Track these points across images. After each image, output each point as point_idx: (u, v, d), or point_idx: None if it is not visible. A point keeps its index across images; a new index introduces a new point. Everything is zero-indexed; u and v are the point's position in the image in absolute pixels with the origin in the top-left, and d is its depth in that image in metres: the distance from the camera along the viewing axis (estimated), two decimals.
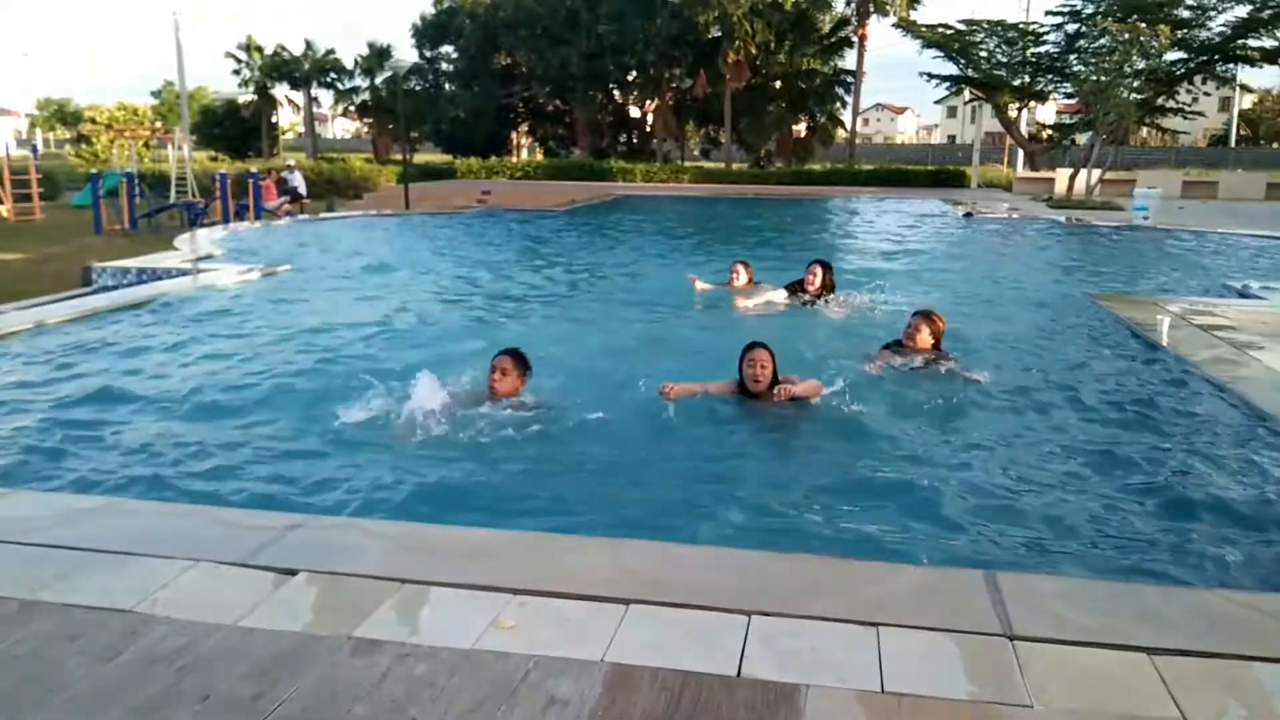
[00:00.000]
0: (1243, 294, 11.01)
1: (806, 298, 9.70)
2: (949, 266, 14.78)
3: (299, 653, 2.85)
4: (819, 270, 9.80)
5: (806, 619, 3.05)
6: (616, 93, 48.51)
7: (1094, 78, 28.98)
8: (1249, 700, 2.67)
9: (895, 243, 18.33)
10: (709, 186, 36.86)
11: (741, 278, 10.61)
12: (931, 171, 40.08)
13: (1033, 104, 40.03)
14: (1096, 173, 28.33)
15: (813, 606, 3.13)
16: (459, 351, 7.58)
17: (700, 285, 10.47)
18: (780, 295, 9.93)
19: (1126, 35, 27.31)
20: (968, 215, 23.41)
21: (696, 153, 53.94)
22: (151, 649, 2.86)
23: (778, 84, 44.47)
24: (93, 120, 44.71)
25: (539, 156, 51.24)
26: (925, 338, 7.07)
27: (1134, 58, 28.06)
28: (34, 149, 39.24)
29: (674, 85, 46.02)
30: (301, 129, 61.45)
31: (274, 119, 55.79)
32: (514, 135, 53.18)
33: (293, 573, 3.36)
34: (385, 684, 2.69)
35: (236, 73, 53.02)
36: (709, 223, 23.38)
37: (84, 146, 42.28)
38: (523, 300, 10.96)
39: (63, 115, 64.26)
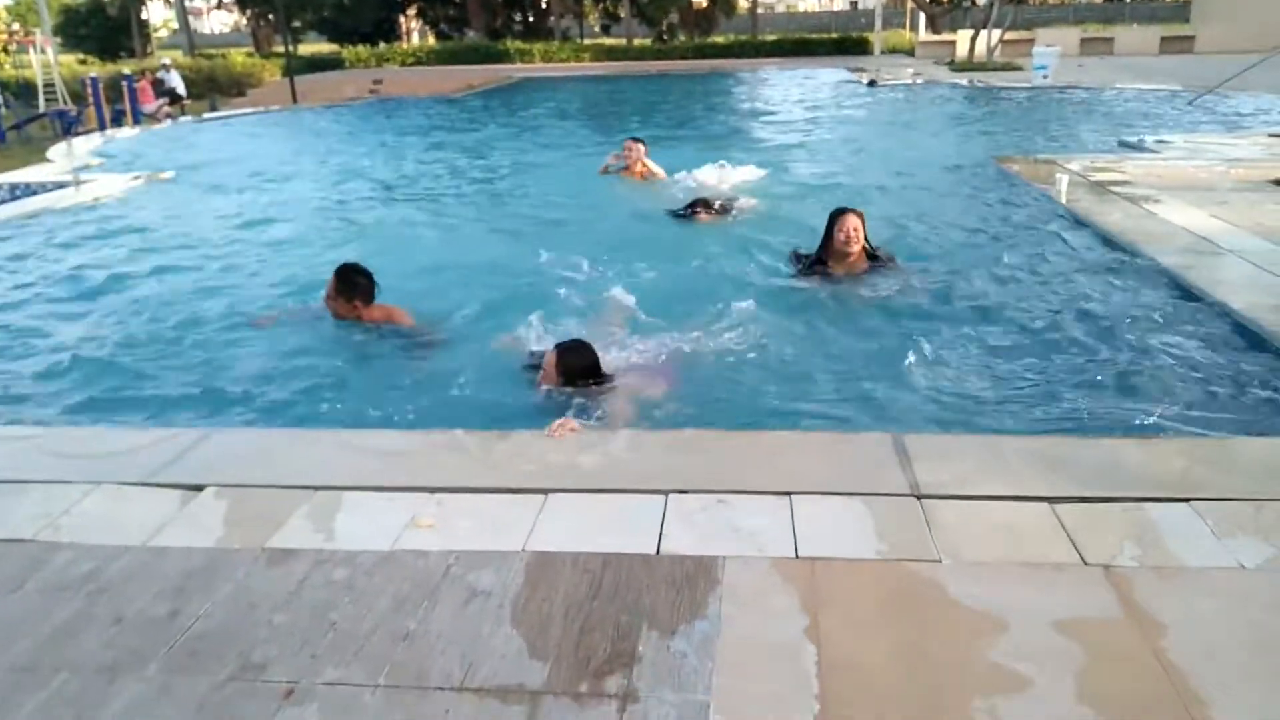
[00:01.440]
0: (1137, 148, 11.27)
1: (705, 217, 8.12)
2: (854, 137, 14.78)
3: (212, 567, 2.80)
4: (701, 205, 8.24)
5: (722, 493, 3.10)
6: None
7: None
8: (1142, 537, 2.82)
9: (800, 115, 18.21)
10: (611, 65, 35.94)
11: (641, 153, 10.07)
12: (835, 39, 39.67)
13: None
14: (996, 33, 28.39)
15: (727, 480, 3.18)
16: (353, 253, 7.36)
17: (606, 167, 10.26)
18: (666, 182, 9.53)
19: None
20: (872, 83, 23.33)
21: (596, 29, 52.37)
22: (58, 576, 2.78)
23: None
24: None
25: (431, 41, 49.13)
26: (857, 237, 6.09)
27: None
28: None
29: None
30: (175, 25, 57.65)
31: (144, 15, 52.16)
32: (403, 19, 50.75)
33: (199, 488, 3.28)
34: (304, 591, 2.67)
35: None
36: (612, 103, 22.88)
37: None
38: (415, 196, 10.60)
39: None
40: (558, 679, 2.27)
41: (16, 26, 40.54)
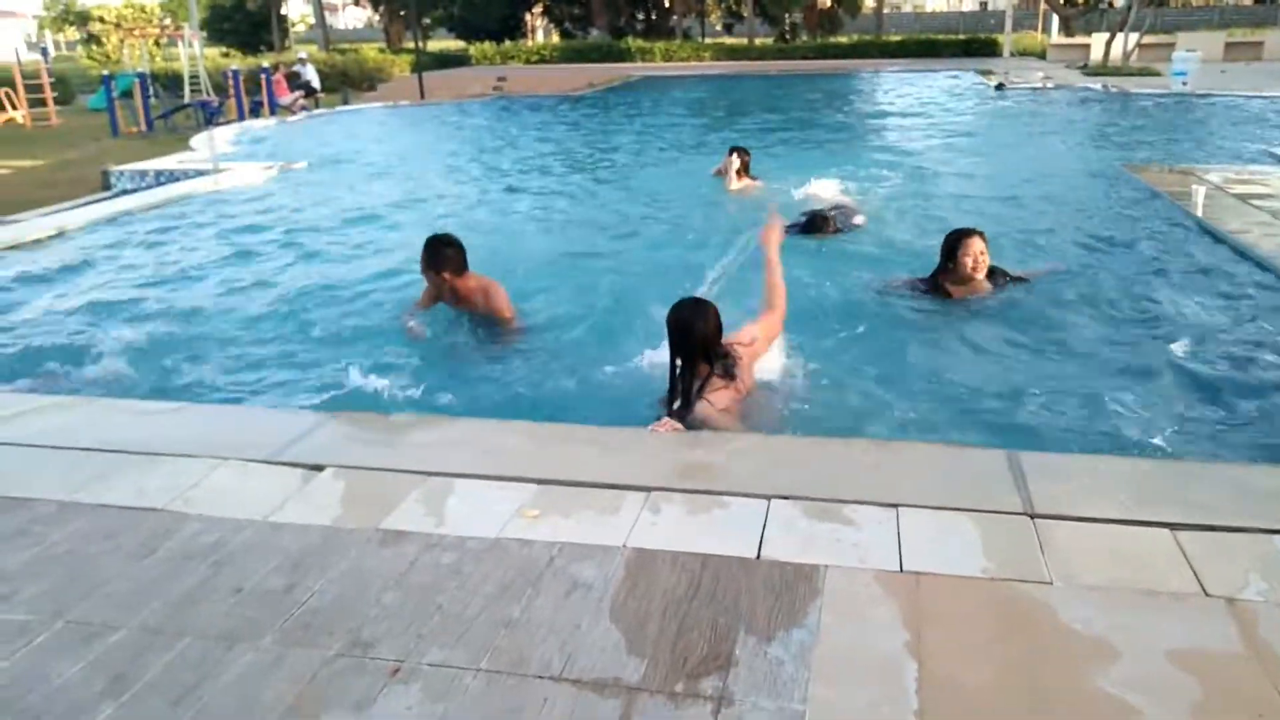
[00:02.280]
0: None
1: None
2: (982, 142, 14.40)
3: (328, 545, 2.92)
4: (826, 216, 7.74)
5: (827, 501, 3.07)
6: None
7: None
8: (1270, 570, 2.68)
9: (924, 118, 17.81)
10: (731, 64, 35.82)
11: (734, 166, 9.57)
12: (963, 41, 38.61)
13: None
14: (1134, 37, 27.18)
15: (832, 489, 3.15)
16: (475, 244, 7.55)
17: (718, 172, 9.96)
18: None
19: None
20: (1000, 86, 22.65)
21: (719, 28, 52.26)
22: (185, 546, 2.94)
23: None
24: (101, 20, 43.89)
25: (555, 39, 49.87)
26: (984, 261, 5.66)
27: None
28: (44, 52, 38.85)
29: None
30: (312, 20, 60.02)
31: (283, 11, 54.47)
32: (529, 17, 51.68)
33: (319, 468, 3.42)
34: (413, 572, 2.76)
35: None
36: (730, 103, 22.81)
37: (95, 48, 41.66)
38: (527, 192, 10.77)
39: (69, 15, 63.08)
40: (654, 676, 2.29)
41: (168, 21, 42.78)
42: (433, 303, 5.64)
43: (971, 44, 37.69)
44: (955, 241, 5.69)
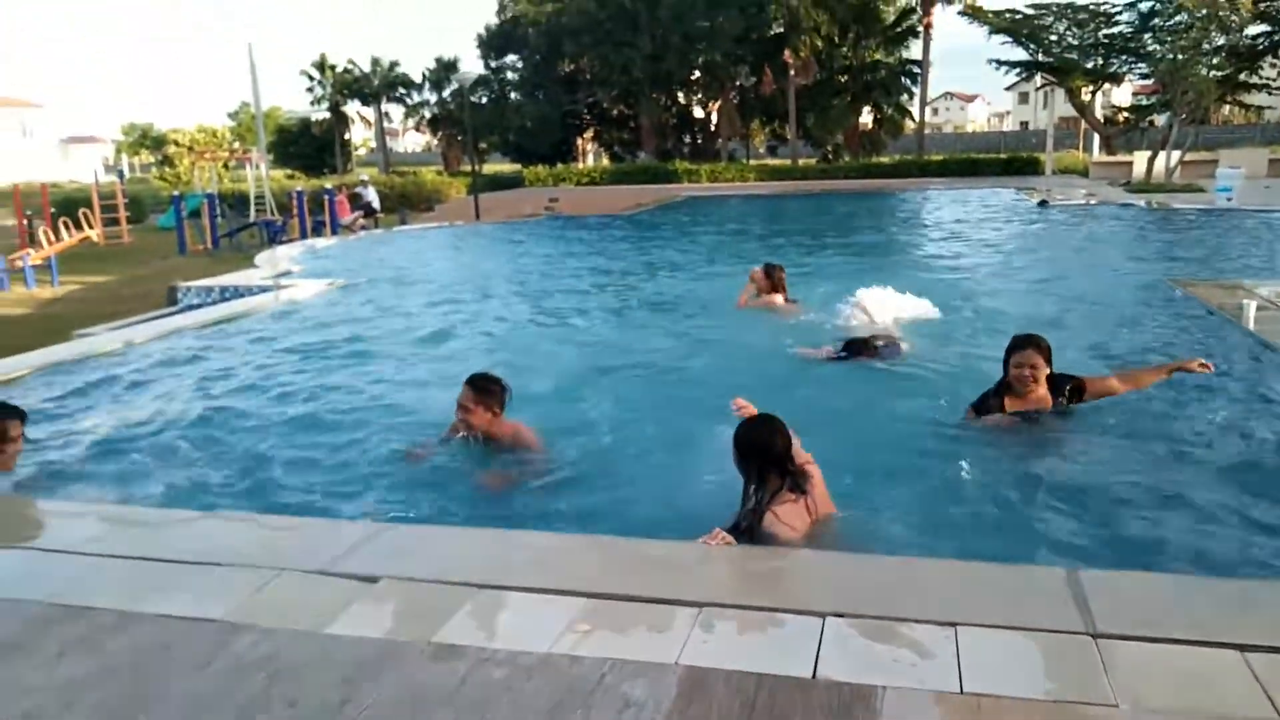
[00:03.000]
0: None
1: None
2: (1025, 259, 14.47)
3: (382, 658, 2.92)
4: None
5: (883, 619, 3.02)
6: (680, 94, 48.58)
7: (1170, 56, 28.01)
8: None
9: (966, 236, 17.98)
10: (775, 184, 36.63)
11: (752, 288, 9.36)
12: (1004, 159, 39.10)
13: (1107, 86, 39.07)
14: (1176, 154, 27.43)
15: (889, 607, 3.10)
16: (527, 361, 7.72)
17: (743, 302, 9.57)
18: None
19: (1204, 10, 26.30)
20: (1043, 203, 22.87)
21: (762, 150, 53.67)
22: (241, 657, 2.96)
23: (843, 77, 44.09)
24: (175, 143, 46.33)
25: (605, 162, 51.53)
26: (1042, 373, 5.48)
27: (1213, 33, 27.05)
28: (120, 174, 40.87)
29: (738, 84, 45.90)
30: (373, 144, 62.78)
31: (346, 135, 57.14)
32: (580, 141, 53.56)
33: (374, 579, 3.45)
34: (465, 688, 2.75)
35: (310, 90, 54.54)
36: (774, 221, 23.23)
37: (167, 169, 43.79)
38: (584, 311, 10.98)
39: (146, 140, 66.67)
40: None
41: (237, 144, 45.00)
42: (455, 435, 5.47)
43: (1013, 162, 38.10)
44: (1010, 349, 5.50)
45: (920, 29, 42.61)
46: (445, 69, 52.29)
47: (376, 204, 25.06)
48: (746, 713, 2.58)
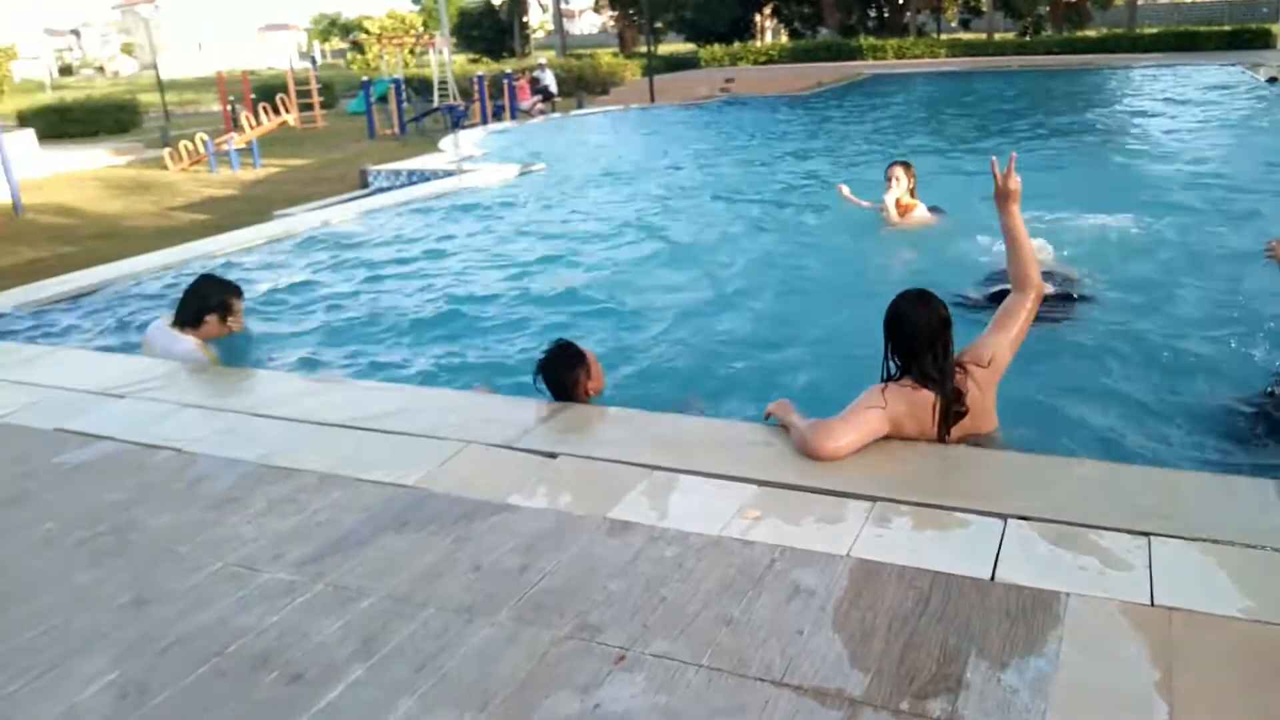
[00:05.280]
0: None
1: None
2: (1248, 147, 13.01)
3: (560, 530, 3.04)
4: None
5: (1070, 525, 2.89)
6: None
7: None
8: None
9: (1179, 123, 16.28)
10: (966, 60, 34.35)
11: (902, 184, 7.83)
12: (1228, 32, 35.03)
13: None
14: None
15: (1078, 512, 2.96)
16: (702, 247, 7.67)
17: (848, 196, 8.39)
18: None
19: None
20: (1272, 80, 20.48)
21: (954, 25, 50.27)
22: (430, 521, 3.15)
23: None
24: (365, 30, 47.66)
25: (784, 39, 49.58)
26: None
27: None
28: (313, 61, 42.60)
29: None
30: (551, 26, 62.69)
31: (525, 18, 57.18)
32: (758, 18, 51.66)
33: (553, 456, 3.57)
34: (638, 563, 2.83)
35: None
36: (960, 103, 21.82)
37: (358, 55, 45.27)
38: (736, 198, 10.64)
39: (335, 27, 69.01)
40: (878, 691, 2.24)
41: (422, 30, 45.90)
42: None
43: (1239, 35, 34.02)
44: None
45: None
46: None
47: (554, 88, 25.14)
48: (920, 609, 2.54)
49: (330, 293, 7.05)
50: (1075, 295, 5.79)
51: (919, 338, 3.48)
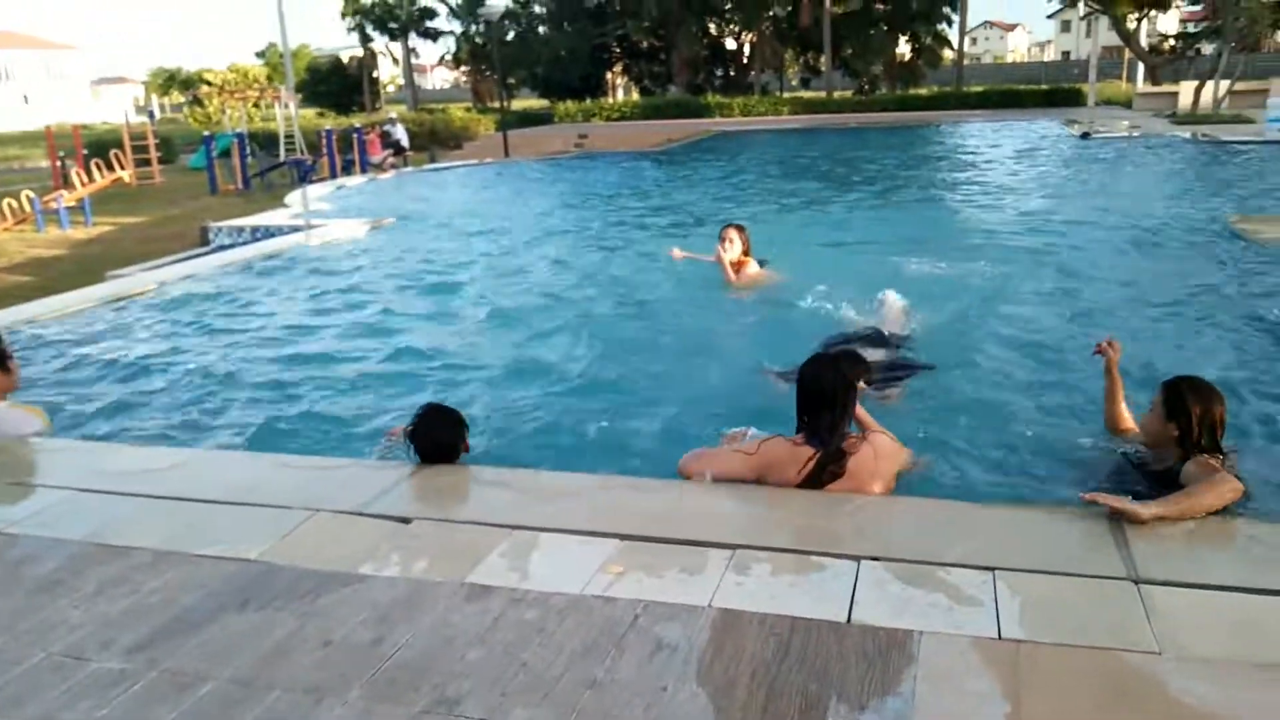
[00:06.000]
0: None
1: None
2: (1066, 194, 14.08)
3: (415, 598, 2.92)
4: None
5: (919, 564, 2.98)
6: (712, 25, 47.55)
7: None
8: None
9: (1005, 171, 17.53)
10: (809, 118, 35.91)
11: (736, 246, 7.82)
12: (1046, 91, 38.00)
13: (1153, 13, 37.65)
14: (1225, 84, 26.49)
15: (926, 551, 3.05)
16: (555, 303, 7.65)
17: (684, 255, 8.46)
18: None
19: None
20: (1085, 135, 22.26)
21: (795, 83, 52.60)
22: (275, 598, 2.98)
23: (882, 5, 42.89)
24: (207, 83, 46.14)
25: (635, 96, 50.73)
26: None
27: None
28: (151, 114, 40.83)
29: (771, 14, 44.79)
30: (402, 81, 62.30)
31: (375, 73, 56.71)
32: (609, 75, 52.77)
33: (407, 520, 3.45)
34: (497, 629, 2.75)
35: (344, 15, 53.99)
36: (804, 157, 22.75)
37: (198, 109, 43.72)
38: (597, 247, 10.80)
39: (175, 80, 66.69)
40: None
41: (266, 84, 44.76)
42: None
43: (1055, 94, 36.98)
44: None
45: None
46: (472, 2, 51.54)
47: (405, 141, 24.86)
48: (780, 656, 2.55)
49: (163, 356, 6.66)
50: (911, 359, 5.77)
51: (817, 397, 3.69)
